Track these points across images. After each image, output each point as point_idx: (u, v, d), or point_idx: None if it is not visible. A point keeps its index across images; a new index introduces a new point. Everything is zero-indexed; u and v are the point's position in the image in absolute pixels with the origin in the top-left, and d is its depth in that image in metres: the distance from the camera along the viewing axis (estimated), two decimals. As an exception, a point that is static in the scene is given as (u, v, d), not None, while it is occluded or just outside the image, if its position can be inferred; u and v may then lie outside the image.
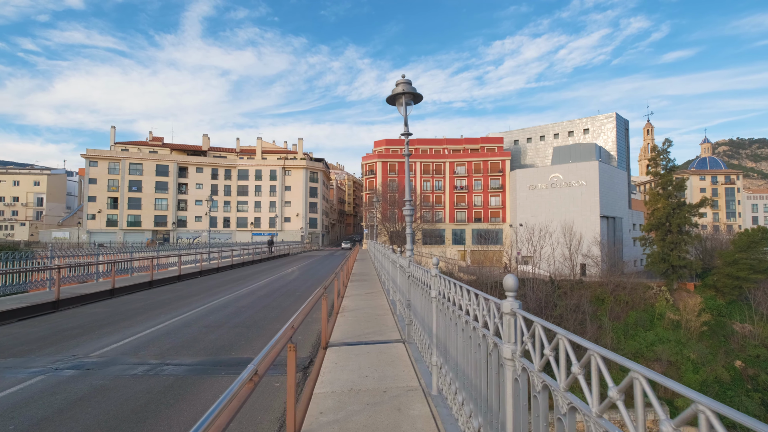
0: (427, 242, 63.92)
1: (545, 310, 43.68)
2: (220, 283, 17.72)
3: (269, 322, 9.82)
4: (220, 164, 71.45)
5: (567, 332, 1.78)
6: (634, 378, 1.33)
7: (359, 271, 20.08)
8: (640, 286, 46.25)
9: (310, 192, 74.03)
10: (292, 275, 20.55)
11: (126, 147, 70.09)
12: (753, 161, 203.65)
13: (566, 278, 48.08)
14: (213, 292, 14.75)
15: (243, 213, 71.69)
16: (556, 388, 1.81)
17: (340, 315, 9.08)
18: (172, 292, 14.77)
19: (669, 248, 46.51)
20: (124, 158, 65.55)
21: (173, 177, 68.17)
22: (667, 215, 46.72)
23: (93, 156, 64.11)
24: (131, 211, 65.95)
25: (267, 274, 21.18)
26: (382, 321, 8.43)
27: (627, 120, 67.14)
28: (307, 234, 71.68)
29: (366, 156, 72.19)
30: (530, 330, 2.09)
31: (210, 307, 11.78)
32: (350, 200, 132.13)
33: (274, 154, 77.36)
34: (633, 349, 40.45)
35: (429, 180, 68.45)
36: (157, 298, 13.26)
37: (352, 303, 10.54)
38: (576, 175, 56.88)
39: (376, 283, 14.82)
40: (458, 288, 3.45)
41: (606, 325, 41.83)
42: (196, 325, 9.47)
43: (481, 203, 66.85)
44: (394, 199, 61.46)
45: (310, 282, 17.47)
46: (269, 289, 15.65)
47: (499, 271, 50.45)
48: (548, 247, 48.78)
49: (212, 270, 21.96)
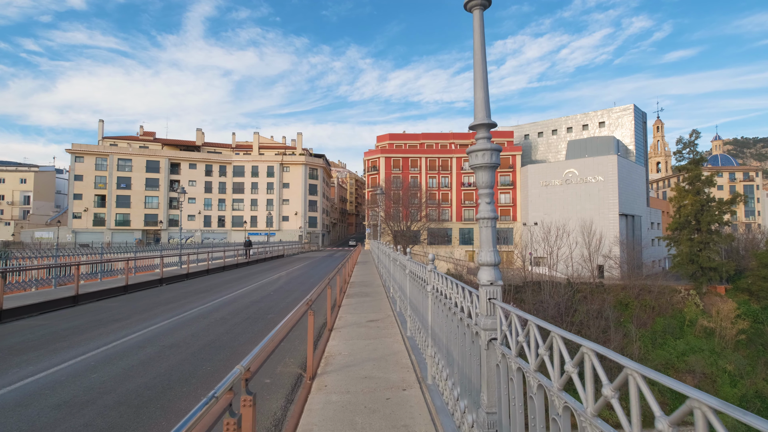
0: (433, 242, 60.23)
1: (565, 316, 40.00)
2: (182, 294, 14.07)
3: (186, 390, 5.60)
4: (215, 160, 67.82)
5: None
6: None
7: (360, 279, 16.44)
8: (666, 290, 42.56)
9: (309, 189, 70.37)
10: (275, 284, 16.86)
11: (115, 142, 66.56)
12: (758, 160, 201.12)
13: (585, 281, 44.36)
14: (156, 313, 11.08)
15: (239, 212, 68.04)
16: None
17: (319, 392, 4.64)
18: (94, 315, 11.08)
19: (697, 248, 42.86)
20: (112, 153, 62.01)
21: (165, 173, 64.61)
22: (696, 212, 42.97)
23: (79, 151, 60.60)
24: (120, 209, 62.42)
25: (246, 282, 17.54)
26: (399, 406, 4.27)
27: (645, 113, 63.28)
28: (305, 234, 68.02)
29: (368, 151, 68.52)
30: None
31: (131, 342, 8.06)
32: (352, 199, 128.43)
33: (271, 149, 73.74)
34: (662, 360, 36.74)
35: (435, 176, 64.72)
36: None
37: (345, 346, 6.60)
38: (593, 170, 53.08)
39: (383, 299, 11.14)
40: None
41: (633, 333, 38.11)
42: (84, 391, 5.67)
43: (490, 201, 62.98)
44: (398, 197, 57.78)
45: (292, 296, 13.63)
46: (236, 306, 11.87)
47: (511, 274, 46.73)
48: (566, 248, 45.01)
49: (180, 277, 18.30)
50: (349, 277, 15.22)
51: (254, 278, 18.92)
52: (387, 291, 12.19)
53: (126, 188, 62.59)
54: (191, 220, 65.88)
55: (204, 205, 66.80)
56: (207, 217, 66.91)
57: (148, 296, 13.81)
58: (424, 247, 58.22)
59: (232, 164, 68.35)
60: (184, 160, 66.29)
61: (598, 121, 63.17)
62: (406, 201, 57.16)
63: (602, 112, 63.02)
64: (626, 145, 60.25)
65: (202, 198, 66.72)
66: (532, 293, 42.16)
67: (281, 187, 68.82)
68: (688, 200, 43.83)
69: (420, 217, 56.38)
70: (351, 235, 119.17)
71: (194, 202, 66.19)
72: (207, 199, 66.96)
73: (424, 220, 57.26)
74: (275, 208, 68.18)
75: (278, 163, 68.66)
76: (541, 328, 1.93)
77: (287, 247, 43.54)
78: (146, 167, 63.69)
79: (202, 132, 71.74)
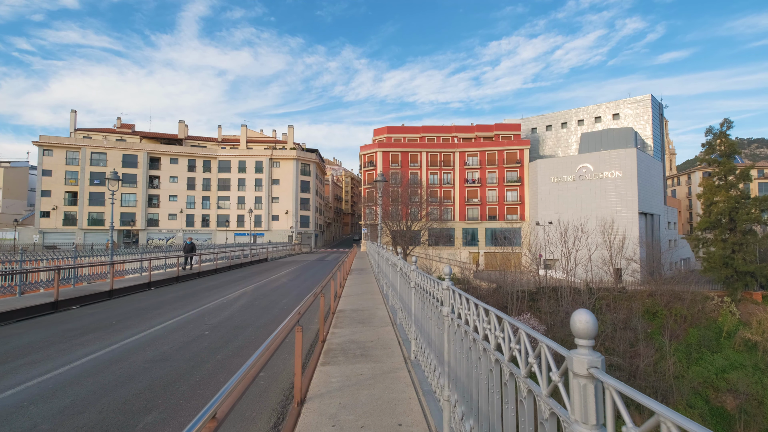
0: (434, 243, 55.49)
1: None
2: (88, 327, 9.18)
3: None
4: (198, 154, 62.62)
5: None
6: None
7: (352, 303, 11.58)
8: (698, 297, 38.19)
9: (301, 186, 65.37)
10: (230, 308, 11.93)
11: (88, 134, 61.18)
12: (753, 160, 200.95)
13: (605, 286, 39.85)
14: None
15: (224, 210, 62.87)
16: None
17: None
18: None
19: (731, 250, 38.55)
20: (84, 146, 56.66)
21: (143, 168, 59.32)
22: (730, 210, 38.60)
23: (47, 144, 55.25)
24: (93, 207, 57.10)
25: (193, 304, 12.66)
26: None
27: (661, 104, 58.97)
28: (296, 234, 62.96)
29: (365, 146, 63.67)
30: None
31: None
32: (348, 198, 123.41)
33: (260, 143, 68.66)
34: (700, 378, 32.21)
35: (437, 172, 59.99)
36: None
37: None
38: (610, 164, 48.61)
39: (394, 346, 6.34)
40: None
41: (666, 346, 33.56)
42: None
43: (496, 199, 58.43)
44: (396, 194, 53.00)
45: (241, 339, 8.38)
46: (132, 368, 6.97)
47: (523, 278, 42.09)
48: (584, 250, 40.43)
49: (123, 290, 13.36)
50: (337, 299, 10.38)
51: (207, 297, 13.90)
52: (391, 317, 7.40)
53: (100, 184, 57.28)
54: (172, 220, 60.71)
55: (186, 203, 61.59)
56: (190, 217, 61.72)
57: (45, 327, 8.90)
58: (425, 248, 53.47)
59: (217, 159, 63.21)
60: (164, 155, 61.01)
61: (612, 112, 58.74)
62: (405, 198, 52.39)
63: (616, 103, 58.61)
64: (643, 139, 55.88)
65: (185, 195, 61.51)
66: (549, 300, 37.62)
67: (270, 183, 63.77)
68: (720, 197, 39.47)
69: (420, 216, 51.64)
70: (346, 235, 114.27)
71: (176, 200, 61.01)
72: (190, 196, 61.75)
73: (425, 219, 52.51)
74: (264, 207, 63.12)
75: (267, 158, 63.61)
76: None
77: (272, 249, 38.52)
78: (123, 162, 58.39)
79: (185, 124, 66.49)
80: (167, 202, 60.62)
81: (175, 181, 61.05)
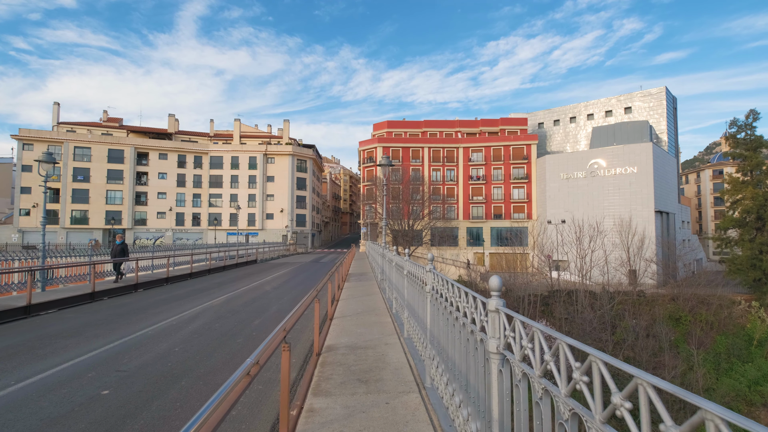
0: (437, 243, 52.57)
1: (600, 332, 32.59)
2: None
3: None
4: (189, 149, 59.50)
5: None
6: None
7: (349, 339, 8.51)
8: (725, 302, 35.43)
9: (297, 184, 62.36)
10: (176, 335, 8.63)
11: (72, 128, 58.02)
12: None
13: (623, 289, 36.98)
14: None
15: (216, 208, 59.79)
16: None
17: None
18: None
19: (759, 250, 35.86)
20: (67, 141, 53.50)
21: (130, 164, 56.20)
22: (758, 208, 35.85)
23: (27, 137, 52.09)
24: (76, 205, 53.95)
25: (120, 331, 9.66)
26: None
27: (675, 97, 56.16)
28: (292, 234, 59.93)
29: (363, 141, 60.73)
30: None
31: None
32: (346, 196, 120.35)
33: (254, 138, 65.59)
34: (731, 390, 29.23)
35: (439, 168, 57.06)
36: None
37: None
38: (624, 160, 45.77)
39: (414, 396, 3.44)
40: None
41: (693, 356, 30.63)
42: None
43: (502, 196, 55.54)
44: (398, 192, 50.08)
45: (156, 406, 4.78)
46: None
47: (534, 281, 39.22)
48: (600, 251, 37.56)
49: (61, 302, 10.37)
50: (328, 322, 7.44)
51: (109, 335, 8.87)
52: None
53: (84, 181, 54.15)
54: (161, 218, 57.61)
55: (176, 201, 58.49)
56: (180, 215, 58.62)
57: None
58: (427, 249, 50.55)
59: (209, 154, 60.13)
60: (153, 149, 57.88)
61: (624, 106, 55.89)
62: (407, 196, 49.48)
63: (628, 96, 55.77)
64: (658, 134, 53.07)
65: (174, 193, 58.40)
66: (563, 305, 34.72)
67: (265, 180, 60.73)
68: (746, 193, 36.71)
69: (423, 214, 48.73)
70: (344, 235, 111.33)
71: (165, 198, 57.90)
72: (180, 194, 58.64)
73: (427, 218, 49.61)
74: (258, 205, 60.09)
75: (262, 154, 60.56)
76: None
77: (264, 250, 35.50)
78: (108, 157, 55.27)
79: (175, 118, 63.33)
80: (156, 200, 57.51)
81: (164, 178, 57.95)
